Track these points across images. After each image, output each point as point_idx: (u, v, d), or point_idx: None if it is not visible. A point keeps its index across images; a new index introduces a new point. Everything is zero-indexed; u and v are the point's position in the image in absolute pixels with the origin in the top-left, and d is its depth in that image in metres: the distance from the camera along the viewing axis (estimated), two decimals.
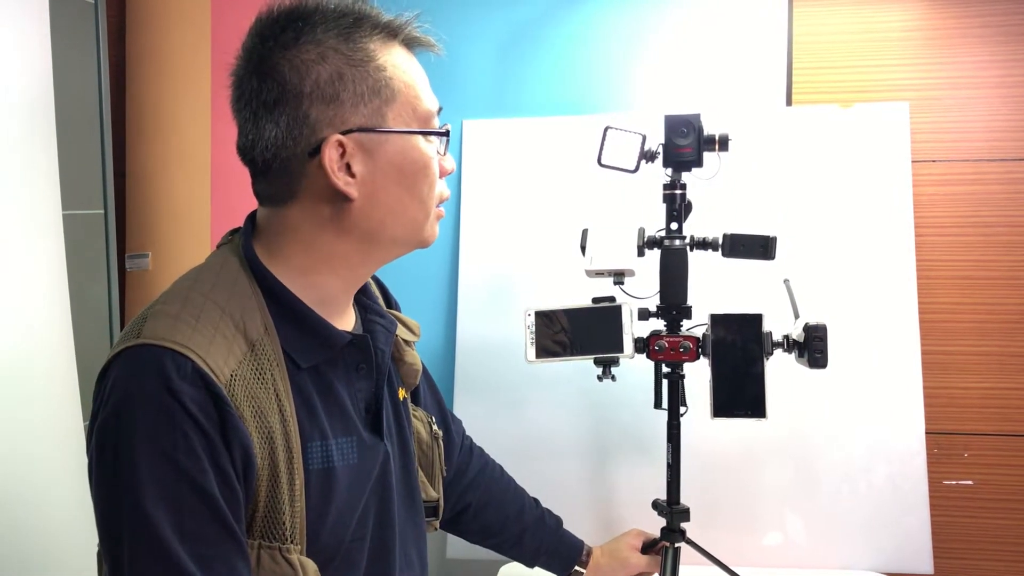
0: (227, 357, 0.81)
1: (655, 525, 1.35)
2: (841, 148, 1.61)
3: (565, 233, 1.57)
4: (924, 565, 1.53)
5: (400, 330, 1.04)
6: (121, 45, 1.89)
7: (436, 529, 1.11)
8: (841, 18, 1.67)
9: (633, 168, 1.27)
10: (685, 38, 1.72)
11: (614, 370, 1.28)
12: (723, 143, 1.26)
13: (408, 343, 1.06)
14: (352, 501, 0.90)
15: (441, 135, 0.92)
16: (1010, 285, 1.62)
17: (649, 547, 1.35)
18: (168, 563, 0.75)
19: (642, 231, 1.31)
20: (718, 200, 1.51)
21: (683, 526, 1.32)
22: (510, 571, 1.51)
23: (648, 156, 1.28)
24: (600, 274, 1.29)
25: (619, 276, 1.29)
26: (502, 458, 1.35)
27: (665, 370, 1.31)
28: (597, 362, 1.28)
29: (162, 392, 0.76)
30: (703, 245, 1.29)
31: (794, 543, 1.56)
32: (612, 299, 1.30)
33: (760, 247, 1.25)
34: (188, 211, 1.82)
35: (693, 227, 1.30)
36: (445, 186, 0.96)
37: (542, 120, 1.73)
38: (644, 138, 1.27)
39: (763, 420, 1.24)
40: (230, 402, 0.79)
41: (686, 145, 1.26)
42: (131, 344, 0.80)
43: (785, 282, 1.36)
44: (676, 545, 1.32)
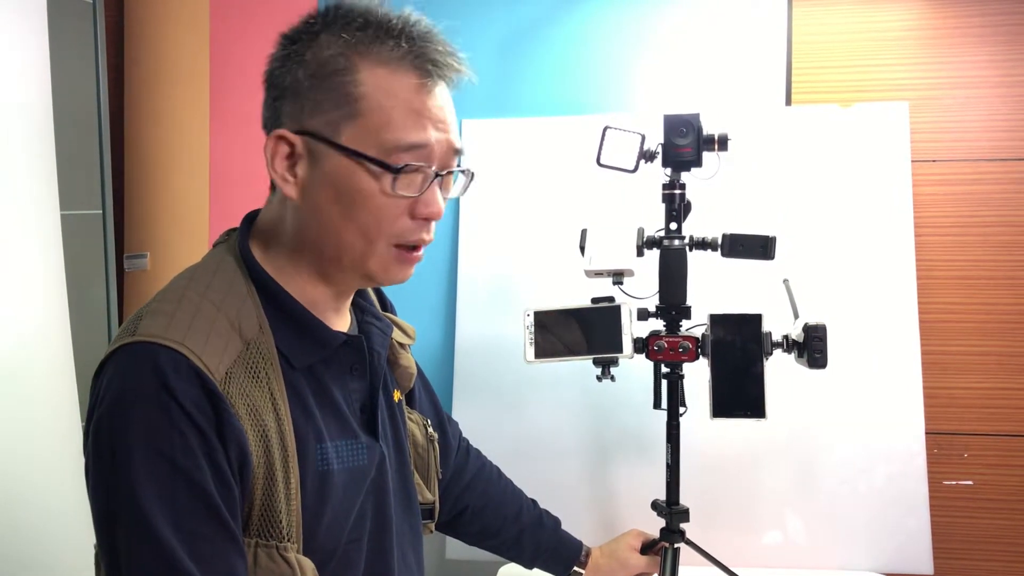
0: (222, 355, 0.81)
1: (654, 525, 1.35)
2: (841, 148, 1.61)
3: (564, 233, 1.57)
4: (924, 565, 1.53)
5: (395, 333, 1.04)
6: (119, 45, 1.88)
7: (432, 532, 1.12)
8: (841, 18, 1.67)
9: (632, 168, 1.27)
10: (684, 38, 1.72)
11: (613, 370, 1.28)
12: (722, 143, 1.26)
13: (403, 346, 1.06)
14: (348, 502, 0.89)
15: (388, 168, 0.83)
16: (1010, 285, 1.62)
17: (648, 548, 1.35)
18: (165, 560, 0.75)
19: (641, 231, 1.30)
20: (717, 200, 1.51)
21: (682, 526, 1.32)
22: (509, 572, 1.51)
23: (647, 156, 1.27)
24: (599, 274, 1.29)
25: (618, 276, 1.29)
26: (501, 458, 1.35)
27: (664, 370, 1.31)
28: (596, 362, 1.28)
29: (158, 389, 0.76)
30: (702, 245, 1.28)
31: (794, 543, 1.56)
32: (611, 299, 1.30)
33: (760, 247, 1.25)
34: (186, 211, 1.81)
35: (692, 227, 1.29)
36: (419, 228, 0.87)
37: (541, 120, 1.73)
38: (643, 138, 1.27)
39: (763, 420, 1.24)
40: (226, 399, 0.79)
41: (685, 145, 1.26)
42: (127, 342, 0.80)
43: (785, 282, 1.36)
44: (675, 546, 1.31)
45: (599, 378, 1.28)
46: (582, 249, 1.31)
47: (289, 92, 0.86)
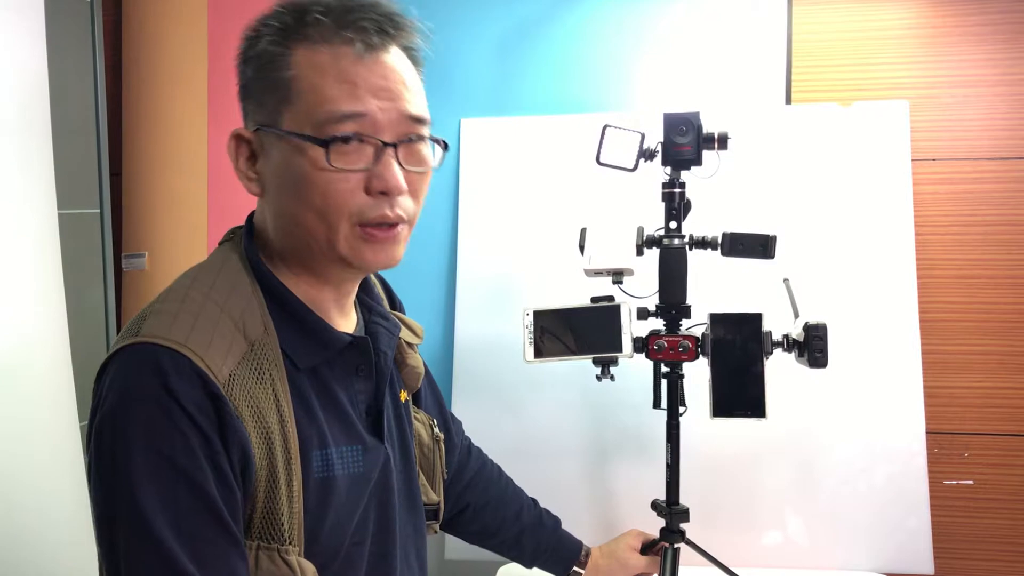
0: (226, 356, 0.80)
1: (654, 525, 1.34)
2: (841, 147, 1.61)
3: (564, 232, 1.56)
4: (924, 565, 1.53)
5: (403, 332, 1.03)
6: (117, 44, 1.88)
7: (436, 532, 1.11)
8: (840, 16, 1.66)
9: (632, 167, 1.27)
10: (684, 36, 1.71)
11: (613, 370, 1.28)
12: (722, 142, 1.26)
13: (411, 345, 1.05)
14: (351, 506, 0.89)
15: (316, 142, 0.81)
16: (1010, 284, 1.62)
17: (648, 548, 1.35)
18: (165, 562, 0.74)
19: (641, 230, 1.30)
20: (717, 199, 1.51)
21: (682, 526, 1.32)
22: (509, 572, 1.50)
23: (647, 154, 1.27)
24: (599, 273, 1.29)
25: (618, 275, 1.29)
26: (501, 458, 1.34)
27: (664, 370, 1.30)
28: (596, 362, 1.28)
29: (159, 390, 0.76)
30: (702, 244, 1.28)
31: (794, 543, 1.56)
32: (611, 298, 1.29)
33: (760, 246, 1.25)
34: (185, 210, 1.81)
35: (692, 226, 1.29)
36: (379, 203, 0.83)
37: (540, 119, 1.73)
38: (643, 136, 1.27)
39: (763, 420, 1.24)
40: (228, 402, 0.78)
41: (685, 143, 1.25)
42: (129, 342, 0.79)
43: (785, 281, 1.36)
44: (675, 546, 1.31)
45: (599, 378, 1.28)
46: (582, 248, 1.31)
47: (244, 91, 0.88)
